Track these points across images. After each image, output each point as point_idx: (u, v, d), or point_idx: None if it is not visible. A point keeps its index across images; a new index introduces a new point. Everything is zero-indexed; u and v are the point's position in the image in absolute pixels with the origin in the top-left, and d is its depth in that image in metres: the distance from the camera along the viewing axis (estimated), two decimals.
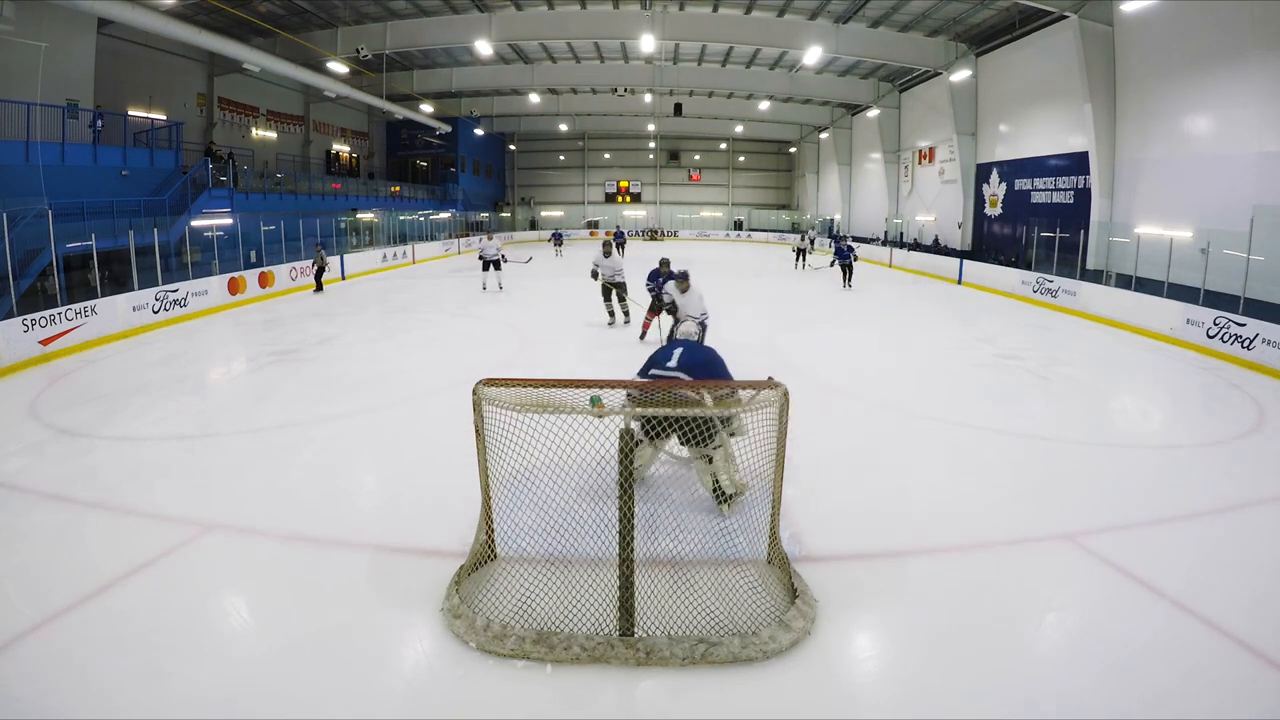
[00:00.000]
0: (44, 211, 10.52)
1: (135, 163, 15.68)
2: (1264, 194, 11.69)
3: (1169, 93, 14.14)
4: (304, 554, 4.07)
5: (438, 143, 34.30)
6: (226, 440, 6.09)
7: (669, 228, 43.63)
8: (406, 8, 20.20)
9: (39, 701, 2.85)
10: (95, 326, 10.18)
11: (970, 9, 18.61)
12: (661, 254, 10.39)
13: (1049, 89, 18.09)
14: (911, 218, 26.93)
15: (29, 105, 12.81)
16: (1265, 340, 9.12)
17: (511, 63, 27.13)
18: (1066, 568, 3.97)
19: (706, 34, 20.78)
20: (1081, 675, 3.04)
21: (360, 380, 8.06)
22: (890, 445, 5.94)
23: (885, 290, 17.79)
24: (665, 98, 28.99)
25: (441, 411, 6.61)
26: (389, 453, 5.72)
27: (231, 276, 14.32)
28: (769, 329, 11.05)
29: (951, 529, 4.36)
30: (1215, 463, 5.78)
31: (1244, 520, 4.64)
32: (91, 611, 3.46)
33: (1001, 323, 12.92)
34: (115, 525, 4.44)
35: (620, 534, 3.19)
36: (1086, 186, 16.83)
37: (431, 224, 30.01)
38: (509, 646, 3.11)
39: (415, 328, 11.71)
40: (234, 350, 10.46)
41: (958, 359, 9.61)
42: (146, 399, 7.36)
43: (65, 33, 14.42)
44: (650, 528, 4.01)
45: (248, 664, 3.10)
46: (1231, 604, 3.55)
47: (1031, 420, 6.71)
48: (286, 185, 22.21)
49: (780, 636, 3.19)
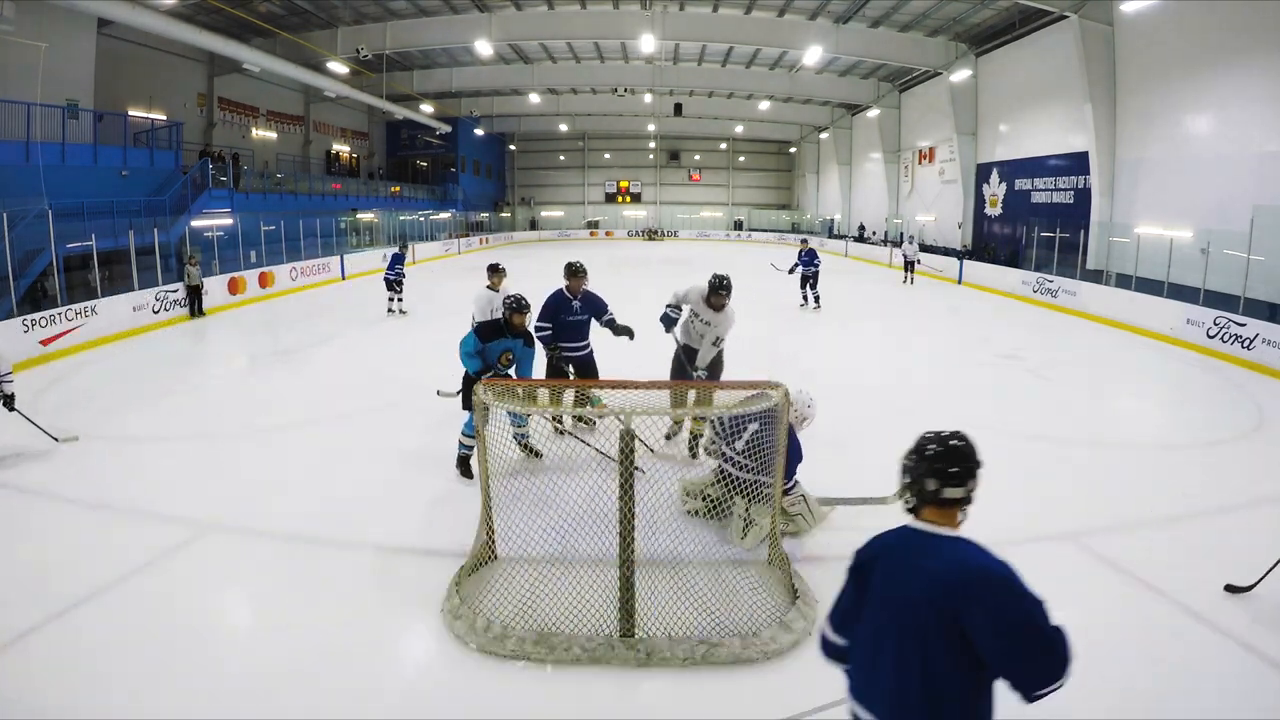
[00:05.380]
0: (44, 211, 10.51)
1: (135, 163, 15.67)
2: (1264, 194, 11.68)
3: (1169, 93, 14.13)
4: (304, 554, 4.07)
5: (438, 143, 34.30)
6: (226, 440, 6.09)
7: (669, 228, 43.61)
8: (406, 8, 20.19)
9: (39, 701, 2.85)
10: (95, 326, 10.18)
11: (970, 9, 18.61)
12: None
13: (1049, 89, 18.08)
14: (912, 218, 26.92)
15: (29, 105, 12.80)
16: (1265, 340, 9.12)
17: (511, 63, 27.13)
18: (1066, 568, 3.97)
19: (706, 34, 20.77)
20: (1081, 675, 3.03)
21: (360, 380, 8.06)
22: (890, 445, 5.92)
23: (884, 290, 17.79)
24: (665, 98, 28.98)
25: (442, 411, 6.60)
26: (389, 453, 5.71)
27: (232, 276, 14.33)
28: (769, 329, 11.05)
29: None
30: (1215, 463, 5.78)
31: (1244, 520, 4.64)
32: (91, 611, 3.46)
33: (1001, 323, 12.92)
34: (115, 525, 4.44)
35: (620, 534, 3.19)
36: (1086, 186, 16.82)
37: (431, 224, 30.02)
38: (509, 647, 3.11)
39: (415, 327, 11.71)
40: (234, 350, 10.46)
41: (957, 359, 9.61)
42: (146, 399, 7.36)
43: (65, 33, 14.40)
44: (650, 528, 4.00)
45: (247, 665, 3.10)
46: (1231, 604, 3.55)
47: (1031, 420, 6.70)
48: (286, 185, 22.21)
49: (781, 637, 3.19)
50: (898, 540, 1.78)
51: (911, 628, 1.62)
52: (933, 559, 1.66)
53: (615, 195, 44.72)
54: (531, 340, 5.18)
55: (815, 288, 13.68)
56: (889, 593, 1.72)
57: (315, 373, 8.57)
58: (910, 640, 1.62)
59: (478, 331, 4.91)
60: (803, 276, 13.62)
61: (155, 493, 4.89)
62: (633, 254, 27.97)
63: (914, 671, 1.61)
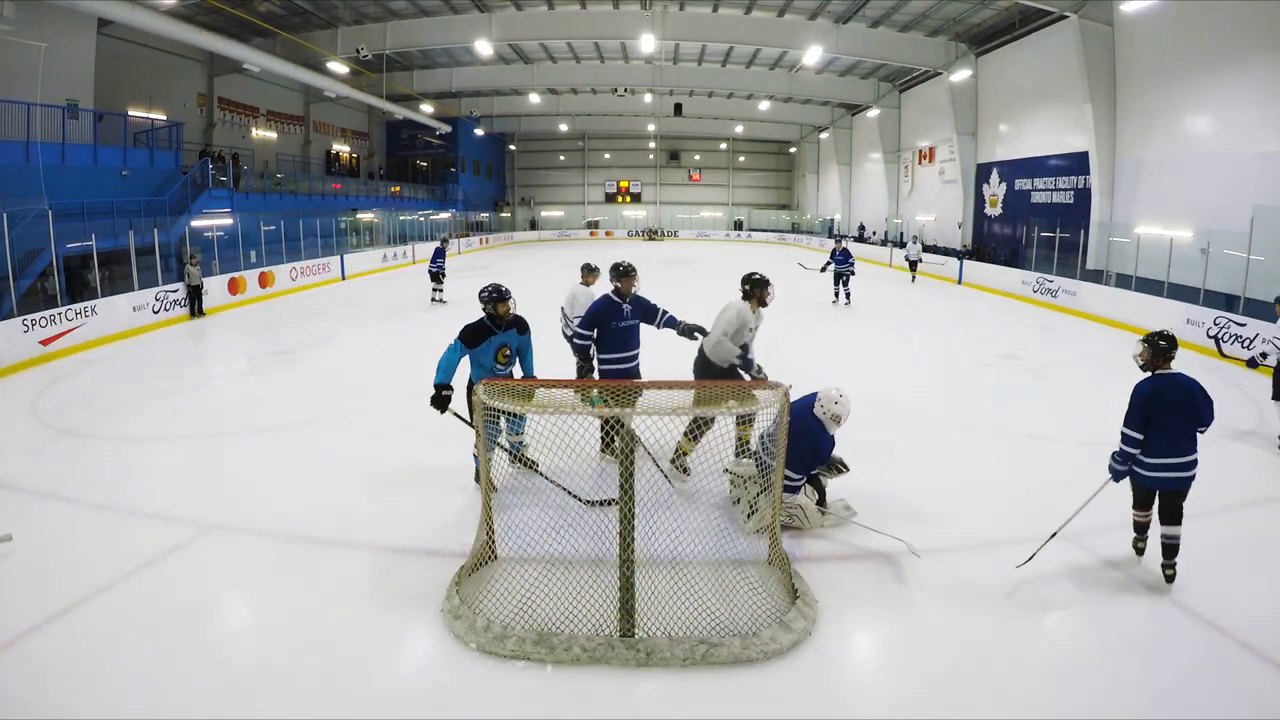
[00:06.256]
0: (44, 212, 10.52)
1: (135, 163, 15.68)
2: (1264, 194, 11.68)
3: (1169, 93, 14.13)
4: (304, 554, 4.07)
5: (438, 143, 34.29)
6: (226, 440, 6.09)
7: (669, 228, 43.60)
8: (406, 8, 20.19)
9: (39, 701, 2.85)
10: (95, 326, 10.18)
11: (970, 9, 18.60)
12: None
13: (1049, 89, 18.08)
14: (912, 217, 26.91)
15: (29, 105, 12.80)
16: (1265, 340, 9.11)
17: (511, 63, 27.12)
18: (1066, 568, 3.97)
19: (706, 34, 20.77)
20: (1081, 675, 3.04)
21: (360, 380, 8.05)
22: (890, 445, 5.93)
23: (885, 290, 17.77)
24: (665, 98, 28.98)
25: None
26: (389, 453, 5.71)
27: (232, 276, 14.33)
28: (767, 329, 10.98)
29: (951, 529, 4.36)
30: (1215, 463, 5.76)
31: (1244, 520, 4.65)
32: (91, 611, 3.46)
33: (1001, 323, 12.91)
34: (115, 525, 4.44)
35: (620, 534, 3.19)
36: (1086, 186, 16.82)
37: (431, 224, 30.02)
38: (509, 647, 3.11)
39: (414, 328, 11.71)
40: (234, 350, 10.46)
41: (958, 359, 9.61)
42: (146, 399, 7.36)
43: (65, 33, 14.40)
44: (650, 528, 4.01)
45: (248, 664, 3.10)
46: (1231, 604, 3.55)
47: (1031, 420, 6.70)
48: (286, 185, 22.21)
49: (781, 637, 3.19)
50: (1169, 379, 3.87)
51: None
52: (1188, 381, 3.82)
53: (615, 195, 44.72)
54: (526, 327, 4.81)
55: (847, 285, 14.44)
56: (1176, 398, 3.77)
57: (315, 373, 8.56)
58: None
59: (463, 338, 4.54)
60: (836, 274, 14.38)
61: (155, 493, 4.89)
62: (633, 254, 27.98)
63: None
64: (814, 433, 4.10)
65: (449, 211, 32.33)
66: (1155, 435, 3.70)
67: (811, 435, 4.08)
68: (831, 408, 4.13)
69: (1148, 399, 3.76)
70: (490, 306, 4.64)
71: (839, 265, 14.27)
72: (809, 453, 4.09)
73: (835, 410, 4.13)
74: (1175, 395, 3.75)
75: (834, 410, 4.13)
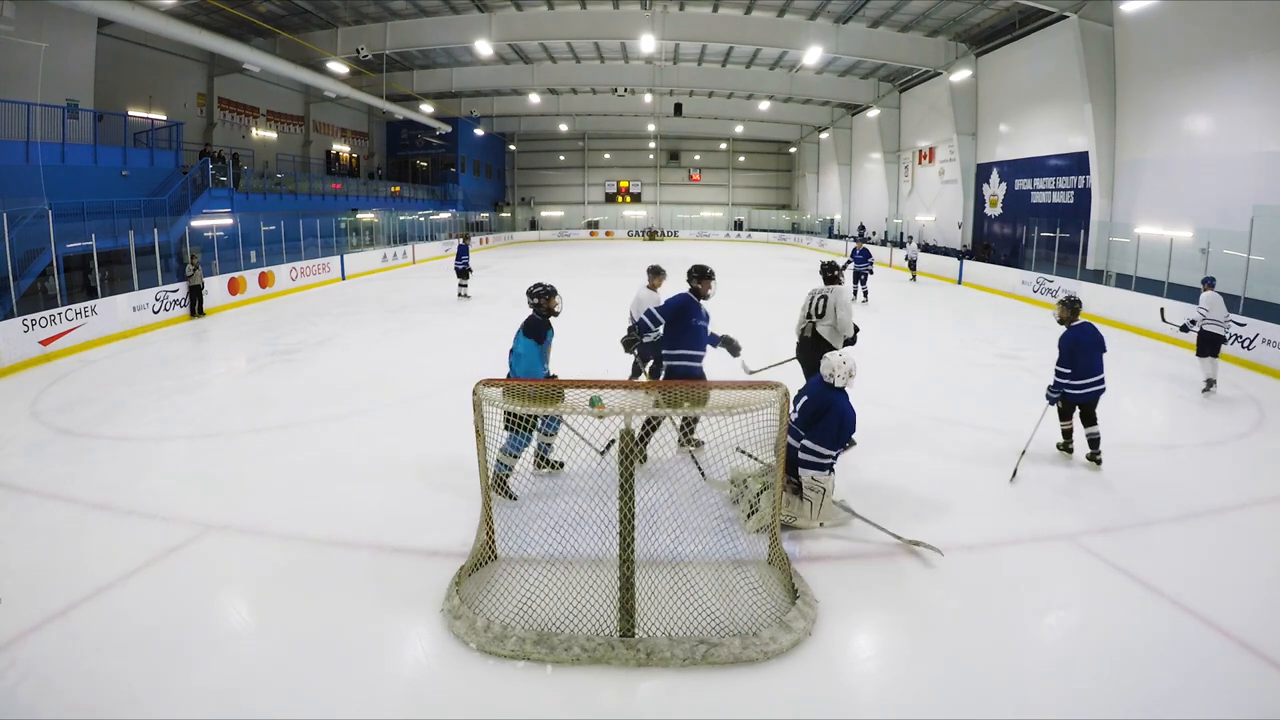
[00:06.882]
0: (44, 211, 10.52)
1: (135, 163, 15.68)
2: (1264, 194, 11.69)
3: (1169, 93, 14.13)
4: (304, 554, 4.07)
5: (438, 143, 34.29)
6: (227, 440, 6.09)
7: (669, 228, 43.61)
8: (406, 8, 20.19)
9: (39, 701, 2.85)
10: (95, 326, 10.18)
11: (970, 9, 18.61)
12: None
13: (1049, 89, 18.09)
14: (912, 217, 26.92)
15: (29, 105, 12.81)
16: (1265, 340, 9.13)
17: (511, 63, 27.13)
18: (1067, 568, 3.97)
19: (706, 34, 20.78)
20: (1081, 675, 3.04)
21: (360, 380, 8.05)
22: (890, 445, 5.93)
23: (885, 290, 17.77)
24: (665, 98, 28.99)
25: (441, 411, 6.60)
26: (389, 453, 5.71)
27: (232, 276, 14.33)
28: (767, 329, 11.00)
29: (952, 529, 4.36)
30: (1215, 463, 5.78)
31: (1244, 520, 4.65)
32: (91, 611, 3.46)
33: (1001, 323, 12.91)
34: (115, 525, 4.44)
35: (620, 534, 3.19)
36: (1086, 186, 16.83)
37: (431, 224, 30.01)
38: (509, 647, 3.11)
39: (415, 327, 11.71)
40: (234, 350, 10.46)
41: (958, 359, 9.60)
42: (146, 399, 7.36)
43: (65, 33, 14.42)
44: (650, 527, 4.01)
45: (248, 664, 3.10)
46: (1231, 604, 3.55)
47: (1031, 420, 6.69)
48: (287, 185, 22.20)
49: (781, 637, 3.19)
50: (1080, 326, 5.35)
51: None
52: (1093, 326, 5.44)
53: (615, 195, 44.73)
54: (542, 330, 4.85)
55: (865, 283, 14.96)
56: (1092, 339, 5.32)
57: (315, 373, 8.56)
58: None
59: (530, 334, 4.67)
60: (856, 272, 14.83)
61: (155, 493, 4.89)
62: (634, 254, 27.98)
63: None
64: (839, 406, 4.26)
65: (449, 211, 32.33)
66: (1082, 366, 5.24)
67: (837, 409, 4.24)
68: (844, 369, 4.30)
69: (1072, 344, 5.29)
70: (544, 300, 4.81)
71: (858, 264, 14.89)
72: (835, 424, 4.24)
73: (848, 368, 4.31)
74: (1090, 337, 5.34)
75: (847, 369, 4.30)
